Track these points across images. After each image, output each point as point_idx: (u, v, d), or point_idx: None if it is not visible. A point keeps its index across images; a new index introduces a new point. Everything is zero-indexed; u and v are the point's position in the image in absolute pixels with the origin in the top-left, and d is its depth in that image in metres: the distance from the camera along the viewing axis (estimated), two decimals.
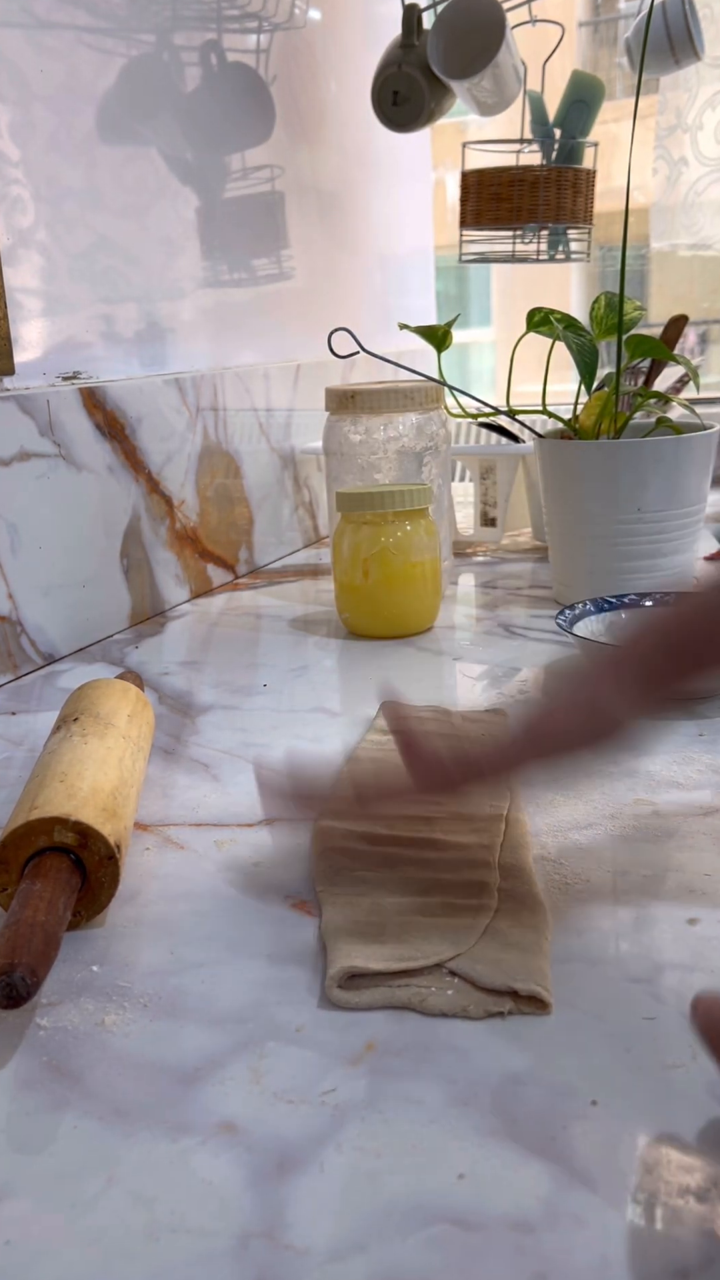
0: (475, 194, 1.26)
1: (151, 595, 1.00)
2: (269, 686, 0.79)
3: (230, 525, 1.14)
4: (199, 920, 0.48)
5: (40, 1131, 0.36)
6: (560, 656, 0.81)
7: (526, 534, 1.26)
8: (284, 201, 1.27)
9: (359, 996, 0.41)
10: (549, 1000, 0.39)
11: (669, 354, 0.92)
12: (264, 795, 0.53)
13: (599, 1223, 0.31)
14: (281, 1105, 0.36)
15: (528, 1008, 0.40)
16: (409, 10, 1.19)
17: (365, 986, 0.41)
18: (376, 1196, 0.32)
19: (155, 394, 0.99)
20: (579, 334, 0.90)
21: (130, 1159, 0.34)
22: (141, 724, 0.61)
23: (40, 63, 0.86)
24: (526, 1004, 0.40)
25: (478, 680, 0.78)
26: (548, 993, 0.40)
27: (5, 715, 0.76)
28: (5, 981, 0.38)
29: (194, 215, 1.09)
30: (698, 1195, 0.31)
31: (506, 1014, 0.39)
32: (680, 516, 0.89)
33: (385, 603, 0.88)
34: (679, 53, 1.20)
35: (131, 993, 0.43)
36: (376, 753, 0.63)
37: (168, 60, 1.03)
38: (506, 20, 1.11)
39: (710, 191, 1.62)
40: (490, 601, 0.99)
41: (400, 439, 0.97)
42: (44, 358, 0.88)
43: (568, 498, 0.91)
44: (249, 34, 1.18)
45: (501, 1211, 0.31)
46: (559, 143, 1.24)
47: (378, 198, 1.55)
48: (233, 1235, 0.31)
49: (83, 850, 0.46)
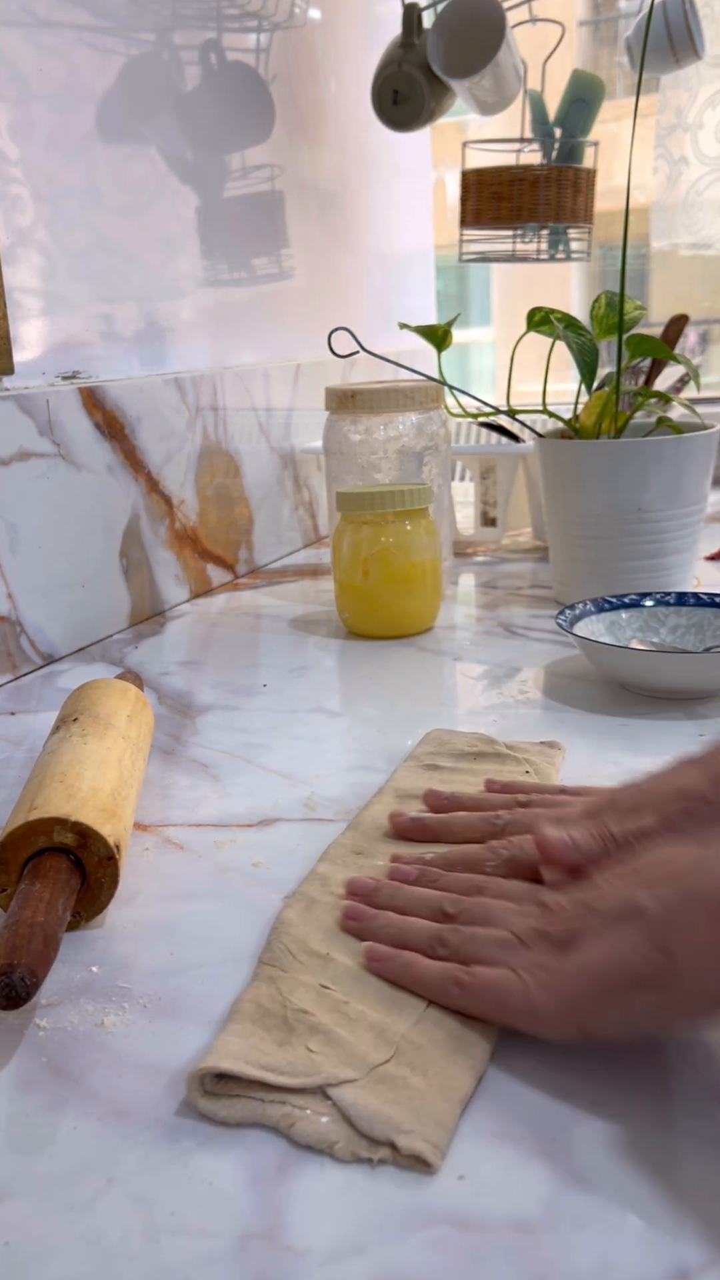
0: (475, 193, 1.26)
1: (151, 595, 1.00)
2: (269, 686, 0.79)
3: (230, 525, 1.14)
4: (199, 921, 0.48)
5: (40, 1132, 0.36)
6: (560, 658, 0.81)
7: (526, 534, 1.26)
8: (284, 201, 1.27)
9: (225, 1108, 0.35)
10: (434, 1163, 0.33)
11: (669, 353, 0.92)
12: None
13: (599, 1224, 0.31)
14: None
15: (406, 1162, 0.33)
16: (409, 9, 1.19)
17: (237, 1094, 0.36)
18: (376, 1197, 0.32)
19: (155, 394, 0.99)
20: (579, 333, 0.90)
21: (130, 1160, 0.34)
22: (141, 724, 0.61)
23: (40, 62, 0.86)
24: (406, 1159, 0.33)
25: (478, 680, 0.78)
26: (436, 1153, 0.33)
27: (5, 715, 0.76)
28: (5, 982, 0.38)
29: (193, 215, 1.09)
30: (698, 1196, 0.31)
31: (375, 1163, 0.33)
32: (680, 516, 0.89)
33: (385, 603, 0.88)
34: (679, 52, 1.20)
35: (131, 993, 0.43)
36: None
37: (167, 60, 1.03)
38: (506, 19, 1.11)
39: (711, 191, 1.62)
40: (490, 601, 0.99)
41: (400, 439, 0.97)
42: (43, 357, 0.88)
43: (568, 498, 0.91)
44: (249, 33, 1.18)
45: (501, 1212, 0.31)
46: (559, 142, 1.24)
47: (378, 197, 1.54)
48: (232, 1236, 0.31)
49: (82, 851, 0.46)
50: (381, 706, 0.73)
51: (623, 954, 0.35)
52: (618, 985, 0.35)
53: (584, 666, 0.77)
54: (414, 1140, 0.33)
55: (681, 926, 0.34)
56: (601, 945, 0.36)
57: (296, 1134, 0.34)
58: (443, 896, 0.44)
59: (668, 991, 0.34)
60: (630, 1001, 0.35)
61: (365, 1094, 0.35)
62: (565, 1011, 0.36)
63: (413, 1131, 0.33)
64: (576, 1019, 0.36)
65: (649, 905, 0.36)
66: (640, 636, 0.78)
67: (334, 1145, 0.34)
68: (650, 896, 0.36)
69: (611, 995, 0.35)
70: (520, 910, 0.41)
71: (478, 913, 0.42)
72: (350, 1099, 0.35)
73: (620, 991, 0.35)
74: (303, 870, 0.51)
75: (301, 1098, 0.35)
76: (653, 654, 0.72)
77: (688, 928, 0.34)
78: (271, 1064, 0.36)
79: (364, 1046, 0.37)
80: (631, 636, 0.78)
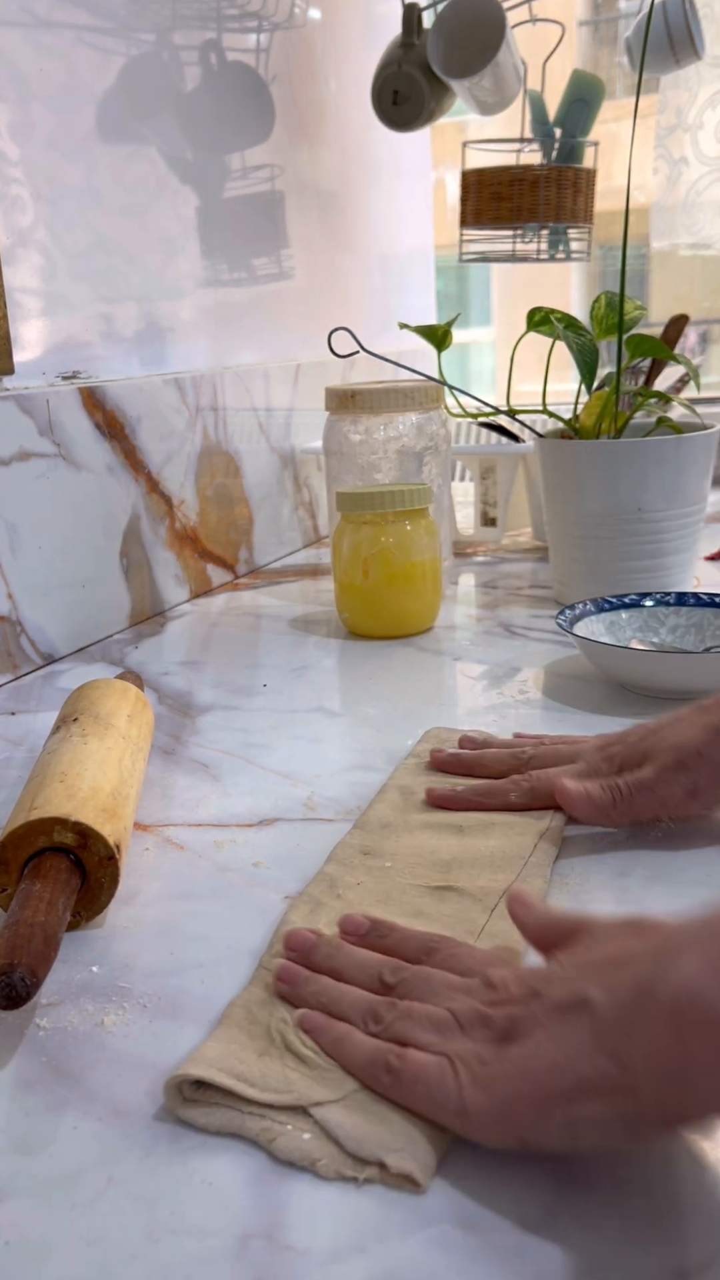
0: (475, 193, 1.26)
1: (151, 595, 1.00)
2: (269, 686, 0.79)
3: (230, 525, 1.14)
4: (199, 920, 0.48)
5: (40, 1131, 0.36)
6: (560, 657, 0.81)
7: (526, 534, 1.26)
8: (284, 201, 1.27)
9: (204, 1116, 0.35)
10: (423, 1183, 0.32)
11: (669, 354, 0.92)
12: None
13: (599, 1223, 0.31)
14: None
15: (394, 1181, 0.32)
16: (409, 9, 1.19)
17: (216, 1101, 0.35)
18: (377, 1197, 0.32)
19: (155, 394, 0.99)
20: (579, 333, 0.90)
21: (130, 1160, 0.34)
22: (141, 724, 0.61)
23: (40, 62, 0.86)
24: (394, 1178, 0.32)
25: (477, 680, 0.78)
26: (425, 1173, 0.32)
27: (5, 715, 0.76)
28: (5, 982, 0.38)
29: (194, 215, 1.09)
30: (698, 1196, 0.31)
31: (361, 1182, 0.32)
32: (680, 516, 0.89)
33: (385, 603, 0.88)
34: (679, 52, 1.20)
35: (131, 993, 0.43)
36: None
37: (167, 60, 1.03)
38: (506, 19, 1.11)
39: (711, 191, 1.62)
40: (490, 601, 0.99)
41: (400, 439, 0.97)
42: (43, 357, 0.88)
43: (568, 498, 0.91)
44: (249, 34, 1.18)
45: (501, 1213, 0.31)
46: (559, 142, 1.24)
47: (378, 197, 1.54)
48: (233, 1236, 0.31)
49: (82, 850, 0.46)
50: (381, 706, 0.73)
51: (568, 1056, 0.31)
52: (561, 1092, 0.31)
53: (584, 666, 0.77)
54: (404, 1159, 0.32)
55: (632, 1029, 0.30)
56: (545, 1042, 0.32)
57: (278, 1149, 0.33)
58: (383, 963, 0.40)
59: (619, 1103, 0.30)
60: (575, 1111, 0.31)
61: (351, 1113, 0.34)
62: (500, 1116, 0.32)
63: (402, 1150, 0.33)
64: (513, 1126, 0.32)
65: (598, 999, 0.32)
66: (640, 636, 0.78)
67: (317, 1163, 0.33)
68: (601, 989, 0.32)
69: (553, 1103, 0.31)
70: (464, 985, 0.37)
71: (417, 985, 0.38)
72: (336, 1118, 0.34)
73: (563, 1099, 0.31)
74: (303, 870, 0.51)
75: (281, 1113, 0.34)
76: (653, 654, 0.72)
77: (639, 1030, 0.30)
78: (245, 1074, 0.36)
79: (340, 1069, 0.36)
80: (631, 636, 0.78)
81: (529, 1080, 0.32)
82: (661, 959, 0.31)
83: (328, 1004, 0.39)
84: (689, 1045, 0.29)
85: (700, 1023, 0.29)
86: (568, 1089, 0.31)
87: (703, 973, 0.29)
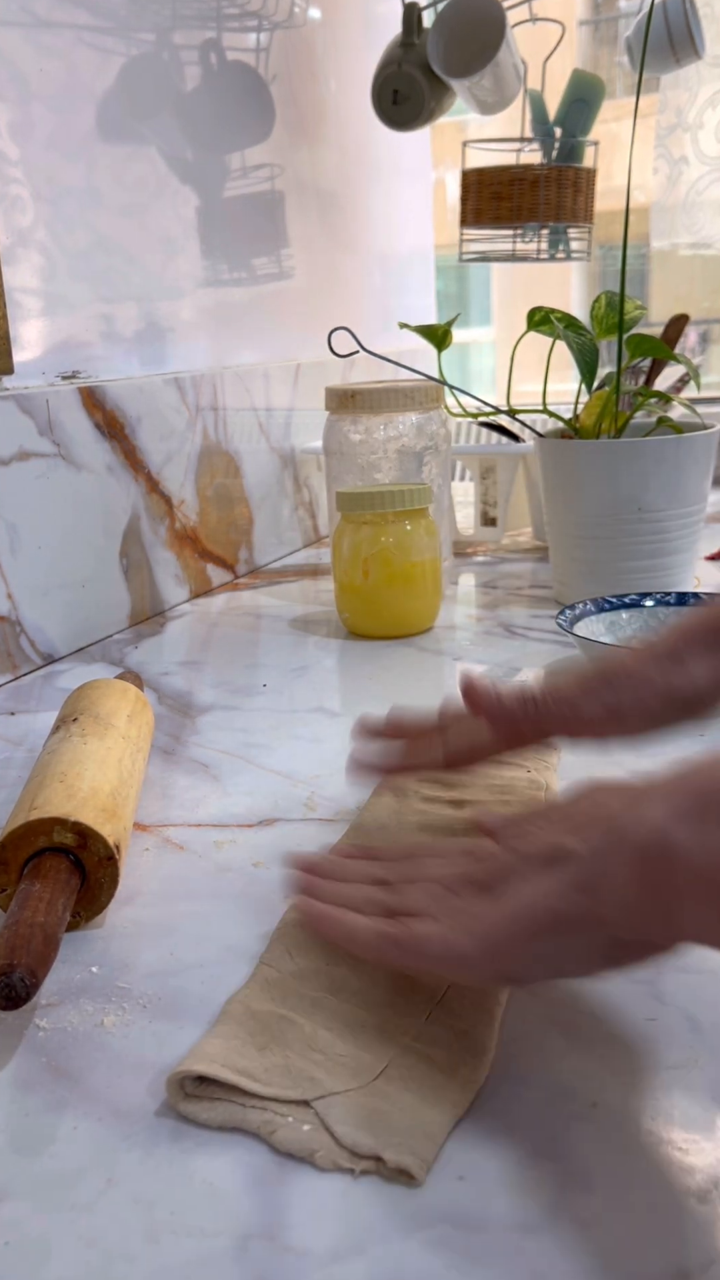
0: (475, 193, 1.26)
1: (151, 595, 1.00)
2: (269, 686, 0.79)
3: (230, 525, 1.14)
4: (198, 921, 0.48)
5: (40, 1132, 0.36)
6: (561, 657, 0.81)
7: (526, 534, 1.26)
8: (284, 201, 1.27)
9: (205, 1110, 0.35)
10: (419, 1177, 0.32)
11: (669, 353, 0.92)
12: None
13: (599, 1224, 0.31)
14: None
15: (391, 1174, 0.33)
16: (409, 9, 1.19)
17: (217, 1096, 0.36)
18: (377, 1197, 0.32)
19: (155, 393, 0.99)
20: (579, 333, 0.90)
21: (130, 1160, 0.34)
22: (141, 724, 0.61)
23: (40, 62, 0.86)
24: (391, 1172, 0.33)
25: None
26: (422, 1167, 0.32)
27: (5, 715, 0.76)
28: (5, 982, 0.38)
29: (194, 214, 1.09)
30: (698, 1196, 0.31)
31: (358, 1174, 0.33)
32: (680, 516, 0.89)
33: (385, 603, 0.88)
34: (679, 51, 1.20)
35: (131, 994, 0.43)
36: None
37: (167, 60, 1.03)
38: (506, 19, 1.11)
39: (711, 191, 1.62)
40: (490, 601, 0.99)
41: (400, 438, 0.97)
42: (43, 357, 0.88)
43: (568, 498, 0.91)
44: (249, 33, 1.18)
45: (501, 1212, 0.31)
46: (559, 142, 1.24)
47: (378, 197, 1.54)
48: (233, 1236, 0.31)
49: (82, 851, 0.46)
50: (381, 706, 0.73)
51: (545, 895, 0.35)
52: (540, 927, 0.34)
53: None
54: (401, 1153, 0.32)
55: (606, 868, 0.33)
56: (526, 889, 0.35)
57: (277, 1141, 0.34)
58: (378, 864, 0.44)
59: (591, 934, 0.34)
60: (553, 944, 0.34)
61: (350, 1106, 0.34)
62: (488, 956, 0.35)
63: (400, 1144, 0.33)
64: (499, 963, 0.35)
65: (575, 847, 0.35)
66: (640, 636, 0.78)
67: (314, 1154, 0.33)
68: (579, 840, 0.35)
69: (534, 938, 0.34)
70: (450, 861, 0.41)
71: (409, 870, 0.42)
72: (336, 1112, 0.34)
73: (543, 934, 0.34)
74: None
75: (282, 1106, 0.35)
76: None
77: (612, 869, 0.33)
78: (248, 1069, 0.36)
79: (349, 1061, 0.36)
80: (631, 636, 0.78)
81: (512, 920, 0.35)
82: (634, 806, 0.34)
83: (333, 896, 0.42)
84: (655, 878, 0.31)
85: (665, 857, 0.31)
86: (547, 924, 0.34)
87: (668, 815, 0.32)
